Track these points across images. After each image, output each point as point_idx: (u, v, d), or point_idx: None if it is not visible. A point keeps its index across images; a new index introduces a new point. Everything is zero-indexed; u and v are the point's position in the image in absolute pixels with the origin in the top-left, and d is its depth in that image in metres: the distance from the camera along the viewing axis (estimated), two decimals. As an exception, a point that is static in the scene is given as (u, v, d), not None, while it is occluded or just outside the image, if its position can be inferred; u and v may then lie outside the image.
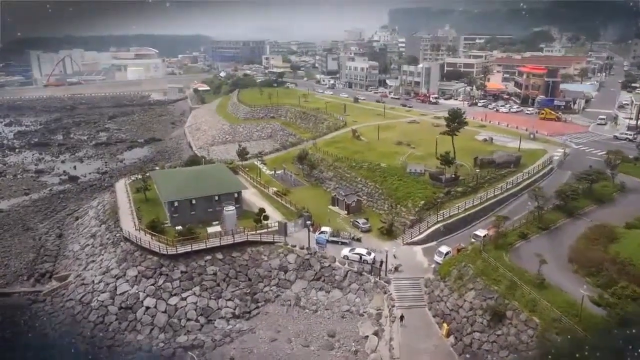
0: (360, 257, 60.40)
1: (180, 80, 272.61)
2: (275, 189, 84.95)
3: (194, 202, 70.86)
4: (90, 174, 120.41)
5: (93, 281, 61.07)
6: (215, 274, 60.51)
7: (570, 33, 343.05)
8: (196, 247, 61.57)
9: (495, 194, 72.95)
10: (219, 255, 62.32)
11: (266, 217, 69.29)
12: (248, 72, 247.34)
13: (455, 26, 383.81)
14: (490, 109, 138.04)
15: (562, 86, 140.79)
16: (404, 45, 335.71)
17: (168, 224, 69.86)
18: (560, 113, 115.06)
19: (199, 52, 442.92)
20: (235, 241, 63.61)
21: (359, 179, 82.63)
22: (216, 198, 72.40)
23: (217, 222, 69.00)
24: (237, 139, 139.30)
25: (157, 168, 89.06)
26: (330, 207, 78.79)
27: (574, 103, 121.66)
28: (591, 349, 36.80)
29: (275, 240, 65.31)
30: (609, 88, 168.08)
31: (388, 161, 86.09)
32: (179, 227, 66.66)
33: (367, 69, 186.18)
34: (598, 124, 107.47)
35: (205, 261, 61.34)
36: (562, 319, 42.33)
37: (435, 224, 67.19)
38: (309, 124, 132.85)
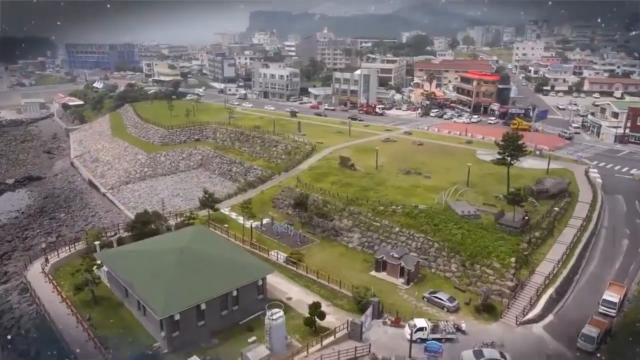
0: (507, 368, 40.82)
1: (37, 93, 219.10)
2: (282, 253, 60.66)
3: (202, 307, 43.93)
4: (-52, 245, 79.68)
5: None
6: None
7: (442, 37, 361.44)
8: (252, 402, 35.99)
9: (578, 236, 59.42)
10: (288, 406, 37.58)
11: (322, 315, 45.76)
12: (133, 81, 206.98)
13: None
14: (446, 119, 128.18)
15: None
16: (292, 49, 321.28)
17: (163, 349, 42.37)
18: (533, 122, 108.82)
19: (45, 57, 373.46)
20: (304, 373, 39.36)
21: (397, 228, 62.53)
22: (234, 294, 46.37)
23: (253, 339, 43.23)
24: (159, 172, 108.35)
25: (96, 244, 56.94)
26: (374, 273, 57.51)
27: (533, 110, 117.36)
28: None
29: (357, 355, 42.31)
30: (521, 92, 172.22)
31: (417, 200, 67.63)
32: (195, 360, 39.80)
33: (287, 76, 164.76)
34: (576, 134, 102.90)
35: None
36: None
37: (544, 288, 50.79)
38: (254, 147, 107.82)
